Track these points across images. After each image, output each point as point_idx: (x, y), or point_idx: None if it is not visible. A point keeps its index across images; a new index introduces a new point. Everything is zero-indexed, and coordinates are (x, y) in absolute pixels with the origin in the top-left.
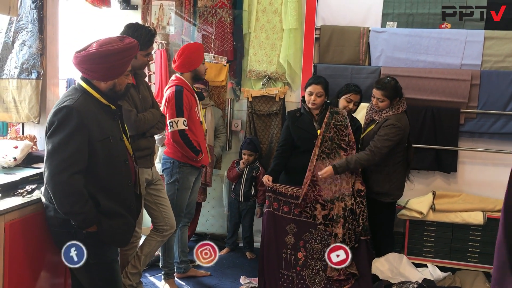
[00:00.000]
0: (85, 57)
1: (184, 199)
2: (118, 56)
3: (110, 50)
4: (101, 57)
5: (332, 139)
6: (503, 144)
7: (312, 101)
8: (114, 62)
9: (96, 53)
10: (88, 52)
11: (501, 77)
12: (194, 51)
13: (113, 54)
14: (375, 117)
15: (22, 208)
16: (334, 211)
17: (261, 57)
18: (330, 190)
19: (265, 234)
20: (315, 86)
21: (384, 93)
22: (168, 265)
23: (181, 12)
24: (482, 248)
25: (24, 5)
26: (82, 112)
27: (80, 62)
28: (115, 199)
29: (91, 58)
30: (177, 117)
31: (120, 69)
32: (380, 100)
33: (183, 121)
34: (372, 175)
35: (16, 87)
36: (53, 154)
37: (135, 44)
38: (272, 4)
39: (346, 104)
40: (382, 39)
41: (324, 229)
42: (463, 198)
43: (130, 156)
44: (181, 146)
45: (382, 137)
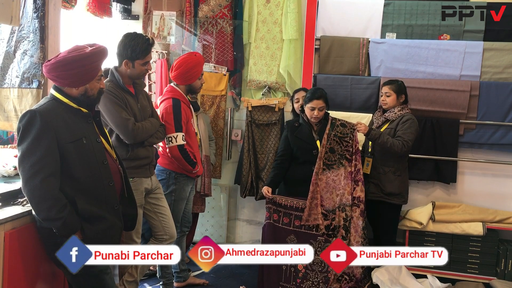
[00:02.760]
0: (54, 65)
1: (180, 209)
2: (87, 61)
3: (78, 55)
4: (70, 63)
5: (334, 151)
6: (502, 155)
7: (315, 116)
8: (83, 67)
9: (64, 59)
10: (56, 59)
11: (500, 88)
12: (192, 67)
13: (81, 59)
14: (389, 116)
15: (22, 217)
16: (336, 221)
17: (261, 67)
18: (332, 200)
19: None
20: (317, 101)
21: (391, 86)
22: (166, 275)
23: (182, 22)
24: (482, 259)
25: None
26: (45, 115)
27: (50, 70)
28: (95, 201)
29: (60, 65)
30: (176, 132)
31: (90, 74)
32: (387, 94)
33: (182, 136)
34: (386, 176)
35: (17, 96)
36: (23, 160)
37: (103, 49)
38: (273, 14)
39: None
40: (381, 50)
41: (326, 240)
42: (462, 209)
43: (113, 158)
44: (179, 161)
45: (407, 131)
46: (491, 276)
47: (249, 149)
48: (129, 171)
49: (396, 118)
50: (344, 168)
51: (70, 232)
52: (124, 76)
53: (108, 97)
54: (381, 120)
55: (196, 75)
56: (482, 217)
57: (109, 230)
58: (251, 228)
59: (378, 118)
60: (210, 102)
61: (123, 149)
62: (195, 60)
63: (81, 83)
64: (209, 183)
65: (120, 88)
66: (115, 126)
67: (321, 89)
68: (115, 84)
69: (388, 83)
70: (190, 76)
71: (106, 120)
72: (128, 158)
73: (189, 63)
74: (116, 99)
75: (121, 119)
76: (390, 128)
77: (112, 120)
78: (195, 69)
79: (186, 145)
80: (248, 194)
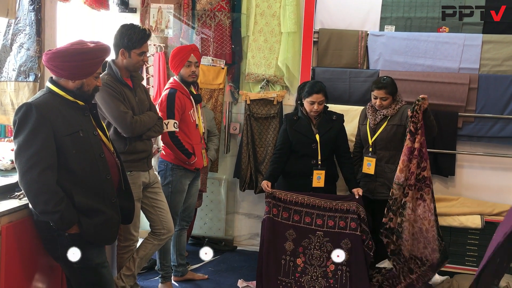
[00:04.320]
0: (55, 54)
1: (179, 202)
2: (88, 56)
3: (80, 49)
4: (71, 55)
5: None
6: (501, 148)
7: (314, 110)
8: (83, 61)
9: (66, 50)
10: (58, 49)
11: (499, 81)
12: (177, 53)
13: (83, 53)
14: (387, 113)
15: (19, 211)
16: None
17: (260, 61)
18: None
19: (264, 240)
20: (316, 95)
21: (386, 90)
22: (165, 268)
23: (180, 15)
24: (480, 251)
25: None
26: (42, 107)
27: (50, 59)
28: (92, 194)
29: (61, 56)
30: (167, 119)
31: (89, 69)
32: (383, 99)
33: (173, 123)
34: (393, 174)
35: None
36: (20, 153)
37: (106, 47)
38: (271, 7)
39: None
40: (380, 42)
41: (324, 235)
42: (461, 202)
43: (110, 151)
44: (171, 148)
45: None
46: None
47: (248, 143)
48: (127, 165)
49: (394, 113)
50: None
51: (67, 225)
52: (121, 68)
53: (106, 90)
54: (379, 117)
55: (182, 61)
56: (481, 210)
57: (107, 223)
58: (250, 221)
59: (373, 114)
60: (208, 96)
61: (121, 142)
62: (179, 47)
63: (78, 77)
64: (204, 179)
65: (118, 81)
66: (113, 119)
67: (320, 82)
68: (112, 77)
69: (381, 87)
70: (176, 63)
71: (103, 113)
72: (126, 151)
73: (174, 51)
74: (114, 92)
75: (119, 112)
76: (392, 125)
77: (110, 113)
78: (179, 55)
79: (183, 136)
80: (248, 187)
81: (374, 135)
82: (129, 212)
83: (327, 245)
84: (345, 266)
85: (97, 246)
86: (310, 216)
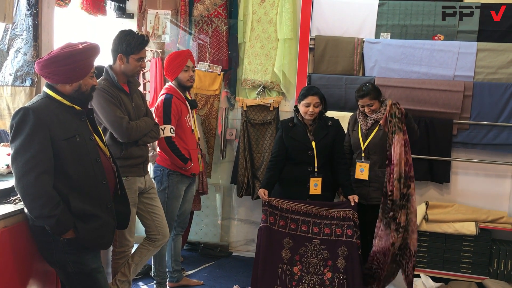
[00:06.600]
0: (47, 61)
1: (175, 207)
2: (80, 57)
3: (71, 51)
4: (64, 59)
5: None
6: (495, 155)
7: (310, 112)
8: (76, 62)
9: (58, 55)
10: (50, 55)
11: (494, 89)
12: (174, 59)
13: (75, 54)
14: (377, 117)
15: (14, 216)
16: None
17: (256, 67)
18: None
19: (260, 248)
20: (312, 97)
21: (370, 97)
22: (160, 274)
23: (177, 21)
24: (475, 258)
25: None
26: (39, 112)
27: (43, 67)
28: (88, 199)
29: (54, 61)
30: (163, 124)
31: (83, 70)
32: (370, 105)
33: (169, 129)
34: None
35: (10, 94)
36: (17, 157)
37: (95, 45)
38: (267, 14)
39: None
40: (376, 50)
41: (321, 243)
42: (456, 209)
43: (106, 156)
44: (167, 153)
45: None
46: (484, 275)
47: (245, 149)
48: (123, 170)
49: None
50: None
51: (63, 230)
52: (118, 74)
53: (102, 95)
54: (370, 122)
55: (179, 66)
56: (475, 217)
57: (102, 228)
58: (246, 227)
59: (364, 120)
60: (203, 101)
61: (117, 147)
62: (176, 52)
63: (74, 79)
64: (206, 182)
65: (115, 87)
66: (109, 124)
67: (316, 87)
68: (109, 82)
69: (363, 95)
70: (173, 68)
71: (100, 118)
72: (122, 157)
73: (171, 56)
74: (111, 97)
75: (115, 117)
76: (383, 129)
77: (106, 118)
78: (177, 60)
79: (180, 141)
80: (245, 193)
81: (367, 140)
82: (125, 217)
83: (324, 252)
84: (342, 274)
85: (93, 251)
86: (306, 224)
